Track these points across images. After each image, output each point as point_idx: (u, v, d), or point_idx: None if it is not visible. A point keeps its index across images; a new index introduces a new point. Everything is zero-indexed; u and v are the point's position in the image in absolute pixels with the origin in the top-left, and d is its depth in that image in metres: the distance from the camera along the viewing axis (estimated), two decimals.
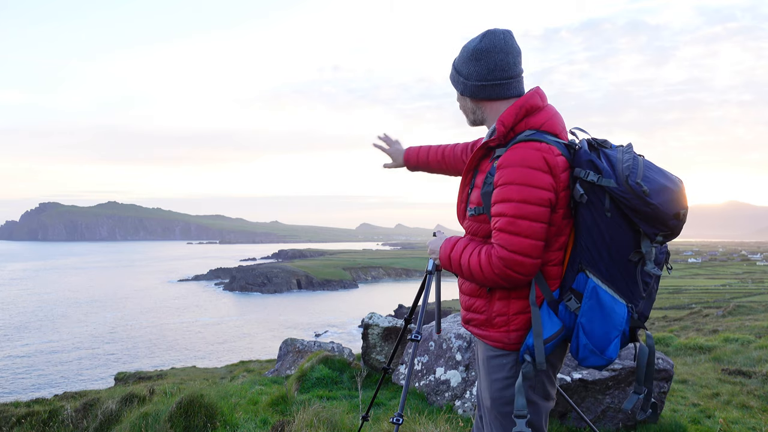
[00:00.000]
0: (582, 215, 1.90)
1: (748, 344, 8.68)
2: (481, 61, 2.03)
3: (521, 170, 1.87)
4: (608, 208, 1.84)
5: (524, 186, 1.86)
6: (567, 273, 1.97)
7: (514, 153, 1.91)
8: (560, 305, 1.96)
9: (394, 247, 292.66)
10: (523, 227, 1.86)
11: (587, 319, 1.89)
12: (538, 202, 1.86)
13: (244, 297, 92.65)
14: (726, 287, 76.95)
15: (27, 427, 6.68)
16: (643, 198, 1.79)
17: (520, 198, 1.86)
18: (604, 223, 1.86)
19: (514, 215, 1.87)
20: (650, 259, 1.87)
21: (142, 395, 6.13)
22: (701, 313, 27.62)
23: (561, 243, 1.97)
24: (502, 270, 1.89)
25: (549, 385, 2.07)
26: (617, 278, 1.89)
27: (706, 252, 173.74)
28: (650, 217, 1.81)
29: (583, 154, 1.91)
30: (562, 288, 1.97)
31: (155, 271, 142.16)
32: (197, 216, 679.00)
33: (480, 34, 2.07)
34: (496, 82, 2.04)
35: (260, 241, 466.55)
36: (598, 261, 1.89)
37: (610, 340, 1.88)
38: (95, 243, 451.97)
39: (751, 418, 4.79)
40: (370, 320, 6.58)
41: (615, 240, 1.86)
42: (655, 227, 1.83)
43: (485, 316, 2.07)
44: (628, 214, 1.83)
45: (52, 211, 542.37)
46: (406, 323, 2.97)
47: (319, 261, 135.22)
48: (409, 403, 5.14)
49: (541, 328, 1.92)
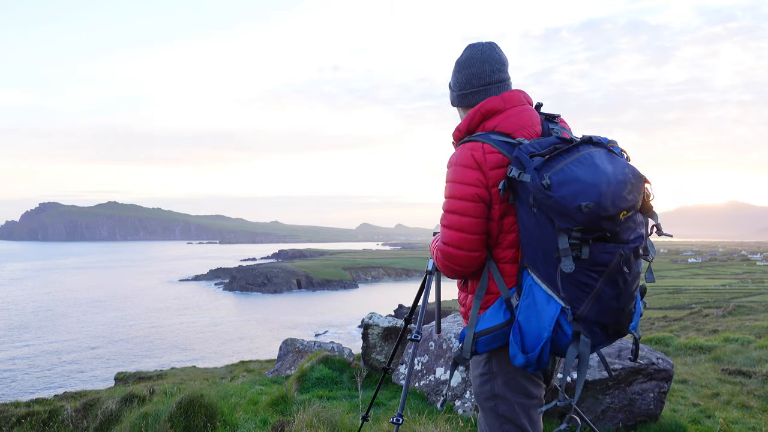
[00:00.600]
0: (518, 212, 1.95)
1: (748, 344, 8.68)
2: (461, 72, 2.20)
3: (452, 168, 2.04)
4: (532, 203, 1.84)
5: (453, 183, 2.01)
6: (519, 271, 2.01)
7: (453, 155, 2.08)
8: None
9: (394, 247, 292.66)
10: (452, 221, 2.00)
11: (524, 317, 1.91)
12: (464, 197, 1.98)
13: (244, 297, 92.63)
14: (726, 287, 76.92)
15: (27, 427, 6.68)
16: (543, 191, 1.78)
17: (450, 194, 2.03)
18: (531, 219, 1.88)
19: (445, 210, 2.04)
20: (567, 256, 1.78)
21: (142, 395, 6.13)
22: (701, 313, 27.60)
23: (510, 241, 2.02)
24: (442, 261, 2.08)
25: (527, 383, 2.08)
26: (554, 277, 1.85)
27: (706, 252, 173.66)
28: (555, 210, 1.78)
29: (516, 152, 1.91)
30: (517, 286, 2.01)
31: (155, 271, 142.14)
32: (197, 216, 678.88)
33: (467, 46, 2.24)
34: (474, 89, 2.19)
35: (260, 241, 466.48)
36: (535, 258, 1.91)
37: (540, 340, 1.86)
38: (95, 243, 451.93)
39: (751, 418, 4.80)
40: (370, 320, 6.58)
41: (542, 236, 1.86)
42: (564, 221, 1.77)
43: (464, 309, 2.19)
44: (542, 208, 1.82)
45: (52, 211, 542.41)
46: (406, 323, 2.98)
47: (319, 261, 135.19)
48: (409, 403, 5.14)
49: (476, 319, 2.02)
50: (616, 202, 1.76)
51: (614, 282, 1.81)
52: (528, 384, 2.09)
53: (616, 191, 1.77)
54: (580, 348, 1.86)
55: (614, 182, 1.78)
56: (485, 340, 2.00)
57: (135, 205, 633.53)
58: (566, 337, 1.86)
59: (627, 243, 1.82)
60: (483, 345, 2.01)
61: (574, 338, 1.86)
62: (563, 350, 1.89)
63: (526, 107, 2.10)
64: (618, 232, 1.80)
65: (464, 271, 2.05)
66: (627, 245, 1.81)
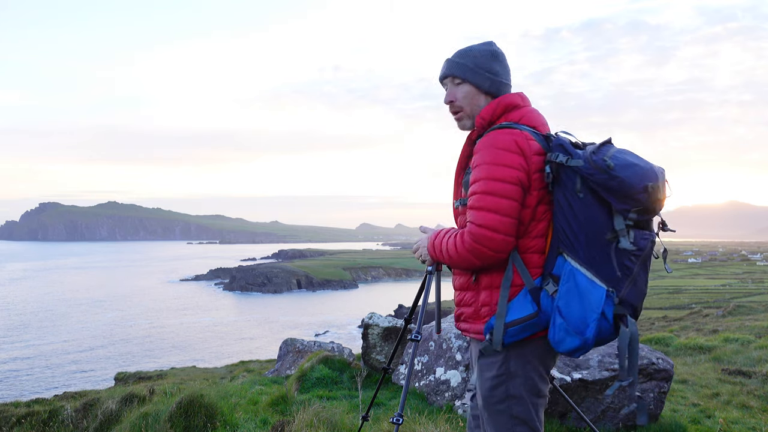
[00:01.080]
0: (557, 198, 1.96)
1: (748, 344, 8.69)
2: (500, 63, 2.20)
3: (491, 150, 1.98)
4: (579, 188, 1.90)
5: (492, 165, 1.96)
6: (548, 260, 2.00)
7: (486, 137, 2.03)
8: (542, 292, 1.98)
9: (394, 247, 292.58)
10: (490, 202, 1.93)
11: (564, 302, 1.90)
12: (506, 179, 1.93)
13: (244, 297, 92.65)
14: (726, 287, 76.91)
15: (27, 427, 6.68)
16: (607, 171, 1.84)
17: (488, 176, 1.95)
18: (576, 204, 1.91)
19: (482, 191, 1.96)
20: (624, 236, 1.88)
21: (142, 395, 6.13)
22: (701, 313, 27.62)
23: (540, 230, 2.01)
24: (472, 245, 1.96)
25: (539, 381, 2.07)
26: (595, 261, 1.91)
27: (706, 252, 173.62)
28: (618, 192, 1.85)
29: (556, 139, 2.01)
30: (543, 276, 1.99)
31: (155, 271, 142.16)
32: (197, 216, 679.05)
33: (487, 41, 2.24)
34: (507, 83, 2.20)
35: (260, 241, 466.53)
36: (575, 244, 1.92)
37: (587, 324, 1.87)
38: (95, 243, 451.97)
39: (751, 418, 4.80)
40: (370, 320, 6.58)
41: (589, 220, 1.90)
42: (625, 202, 1.86)
43: (473, 308, 2.11)
44: (598, 191, 1.88)
45: (52, 211, 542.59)
46: (406, 323, 2.98)
47: (319, 261, 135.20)
48: (409, 403, 5.14)
49: (505, 310, 1.96)
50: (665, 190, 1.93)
51: (645, 267, 1.95)
52: (541, 383, 2.07)
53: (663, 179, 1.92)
54: (631, 328, 1.91)
55: (659, 171, 1.92)
56: (514, 331, 1.96)
57: (135, 205, 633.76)
58: (607, 321, 1.90)
59: (652, 232, 1.97)
60: (510, 336, 1.97)
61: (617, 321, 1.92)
62: (604, 335, 1.92)
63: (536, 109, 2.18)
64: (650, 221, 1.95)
65: (494, 257, 1.97)
66: (653, 234, 1.97)
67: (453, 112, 2.22)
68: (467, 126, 2.22)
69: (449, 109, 2.24)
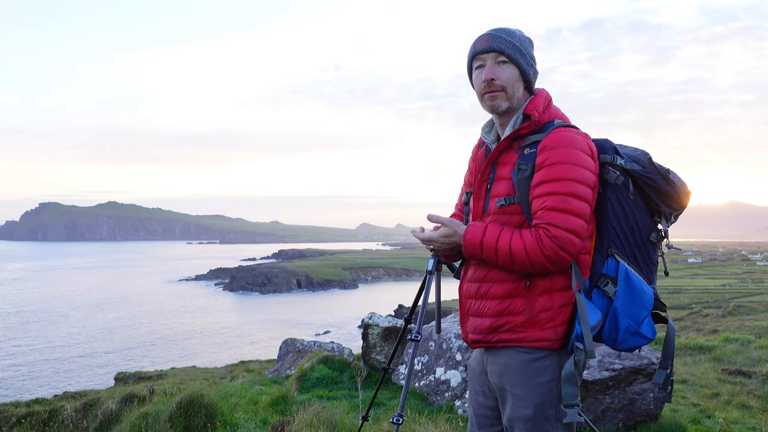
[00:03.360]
0: (610, 200, 1.97)
1: (748, 344, 8.69)
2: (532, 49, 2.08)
3: (571, 150, 1.88)
4: (632, 191, 1.97)
5: (575, 166, 1.87)
6: (595, 260, 1.97)
7: (558, 135, 1.92)
8: (594, 293, 1.94)
9: (394, 247, 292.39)
10: (576, 206, 1.85)
11: (622, 302, 1.90)
12: (588, 183, 1.89)
13: (244, 297, 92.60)
14: (726, 287, 76.88)
15: (27, 427, 6.68)
16: (666, 177, 1.97)
17: (572, 177, 1.86)
18: (628, 206, 1.97)
19: (567, 193, 1.85)
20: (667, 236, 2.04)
21: (142, 395, 6.13)
22: (701, 313, 27.59)
23: (590, 231, 1.98)
24: (555, 250, 1.83)
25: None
26: (640, 261, 1.99)
27: (706, 252, 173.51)
28: (670, 196, 1.99)
29: (605, 142, 2.03)
30: (591, 276, 1.96)
31: (155, 271, 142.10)
32: (197, 216, 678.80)
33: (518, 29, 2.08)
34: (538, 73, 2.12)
35: (260, 241, 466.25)
36: (625, 244, 1.97)
37: (641, 321, 1.91)
38: (95, 243, 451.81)
39: (751, 418, 4.80)
40: (370, 320, 6.58)
41: (638, 222, 1.98)
42: (672, 206, 2.01)
43: (525, 315, 1.94)
44: (650, 194, 1.98)
45: (52, 211, 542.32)
46: (406, 323, 2.97)
47: (319, 261, 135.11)
48: (409, 403, 5.14)
49: (587, 315, 1.86)
50: None
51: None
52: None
53: None
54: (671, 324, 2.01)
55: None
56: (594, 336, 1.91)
57: (135, 205, 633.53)
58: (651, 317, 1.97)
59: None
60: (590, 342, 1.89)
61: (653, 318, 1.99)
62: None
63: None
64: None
65: (569, 262, 1.89)
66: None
67: (490, 90, 2.00)
68: (501, 107, 2.01)
69: (484, 87, 2.01)
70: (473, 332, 2.07)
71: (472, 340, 2.10)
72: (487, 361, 2.08)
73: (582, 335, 1.84)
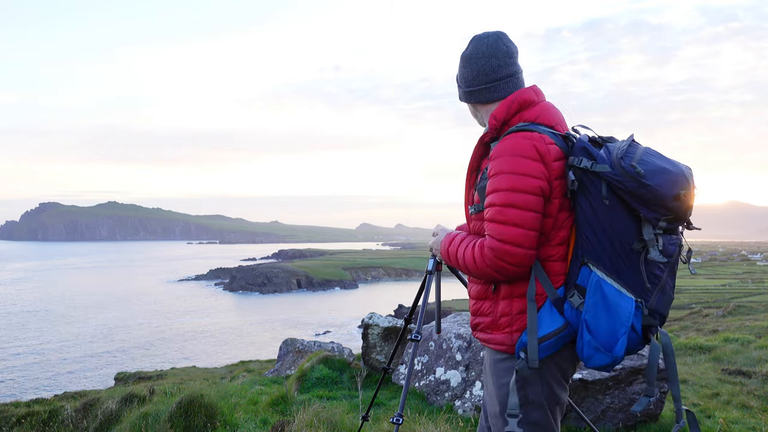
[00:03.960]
0: (580, 205, 1.86)
1: (748, 344, 8.69)
2: (467, 68, 2.09)
3: (510, 159, 1.86)
4: (605, 195, 1.80)
5: (513, 174, 1.84)
6: (571, 268, 1.90)
7: (504, 143, 1.91)
8: (565, 303, 1.89)
9: (394, 247, 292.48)
10: (512, 216, 1.83)
11: (591, 315, 1.81)
12: (528, 190, 1.83)
13: (244, 297, 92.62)
14: (726, 287, 76.87)
15: (27, 427, 6.68)
16: (638, 179, 1.74)
17: (509, 186, 1.84)
18: (602, 211, 1.81)
19: (502, 204, 1.85)
20: (653, 247, 1.78)
21: (142, 395, 6.13)
22: (701, 313, 27.62)
23: (561, 237, 1.92)
24: (493, 261, 1.86)
25: (558, 389, 1.98)
26: (623, 270, 1.81)
27: (706, 252, 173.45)
28: (648, 200, 1.75)
29: (578, 143, 1.90)
30: (566, 285, 1.90)
31: (155, 271, 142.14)
32: (197, 216, 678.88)
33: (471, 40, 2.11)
34: (482, 86, 2.07)
35: (260, 241, 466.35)
36: (601, 253, 1.82)
37: (617, 338, 1.79)
38: (95, 243, 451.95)
39: (751, 418, 4.80)
40: (370, 320, 6.58)
41: (616, 228, 1.80)
42: (656, 211, 1.76)
43: (491, 318, 2.02)
44: (626, 199, 1.78)
45: (52, 211, 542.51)
46: (406, 323, 2.98)
47: (319, 261, 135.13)
48: (409, 403, 5.14)
49: (536, 325, 1.85)
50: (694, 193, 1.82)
51: (673, 273, 1.88)
52: (559, 389, 1.98)
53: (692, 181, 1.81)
54: (662, 339, 1.84)
55: (688, 174, 1.81)
56: (546, 346, 1.87)
57: (135, 205, 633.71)
58: (636, 333, 1.82)
59: (679, 235, 1.88)
60: (544, 351, 1.87)
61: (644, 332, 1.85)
62: (632, 346, 1.84)
63: (552, 103, 2.06)
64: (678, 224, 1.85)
65: (516, 272, 1.87)
66: (680, 237, 1.88)
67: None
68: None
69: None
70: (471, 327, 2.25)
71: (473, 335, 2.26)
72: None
73: (526, 344, 1.87)
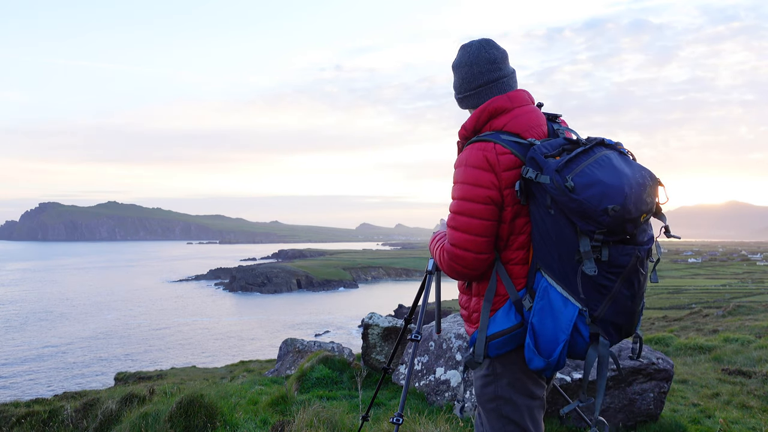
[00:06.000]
0: (532, 213, 1.94)
1: (748, 344, 8.69)
2: (455, 76, 2.22)
3: (463, 169, 1.99)
4: (549, 205, 1.85)
5: (464, 184, 1.98)
6: (529, 273, 1.99)
7: (462, 153, 2.04)
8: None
9: (394, 247, 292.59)
10: (461, 222, 1.97)
11: (538, 319, 1.90)
12: (475, 199, 1.95)
13: (244, 297, 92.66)
14: (726, 287, 76.88)
15: (27, 427, 6.68)
16: (567, 194, 1.77)
17: (460, 195, 1.99)
18: (549, 220, 1.87)
19: (454, 211, 2.00)
20: (589, 259, 1.79)
21: (142, 395, 6.13)
22: (701, 313, 27.57)
23: (521, 242, 2.00)
24: (448, 262, 2.03)
25: (531, 384, 2.07)
26: (569, 278, 1.86)
27: (706, 252, 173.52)
28: (578, 213, 1.78)
29: (530, 152, 1.91)
30: (527, 287, 1.99)
31: (155, 271, 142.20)
32: (197, 216, 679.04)
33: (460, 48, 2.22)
34: (468, 93, 2.18)
35: (260, 241, 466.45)
36: (550, 260, 1.90)
37: (557, 343, 1.85)
38: (95, 243, 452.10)
39: (751, 418, 4.80)
40: (370, 320, 6.58)
41: (560, 238, 1.86)
42: (588, 224, 1.78)
43: (467, 312, 2.16)
44: (562, 209, 1.82)
45: (52, 211, 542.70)
46: (406, 323, 2.98)
47: (319, 261, 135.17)
48: (409, 403, 5.14)
49: (487, 321, 1.99)
50: (638, 205, 1.79)
51: (630, 283, 1.85)
52: (532, 385, 2.07)
53: (637, 194, 1.79)
54: (600, 350, 1.87)
55: (635, 185, 1.80)
56: (497, 343, 1.98)
57: (135, 205, 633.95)
58: (583, 339, 1.87)
59: (642, 244, 1.86)
60: (494, 348, 1.99)
61: (591, 340, 1.88)
62: (579, 352, 1.90)
63: (531, 107, 2.10)
64: (635, 234, 1.84)
65: (470, 274, 2.02)
66: (642, 247, 1.85)
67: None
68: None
69: None
70: None
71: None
72: None
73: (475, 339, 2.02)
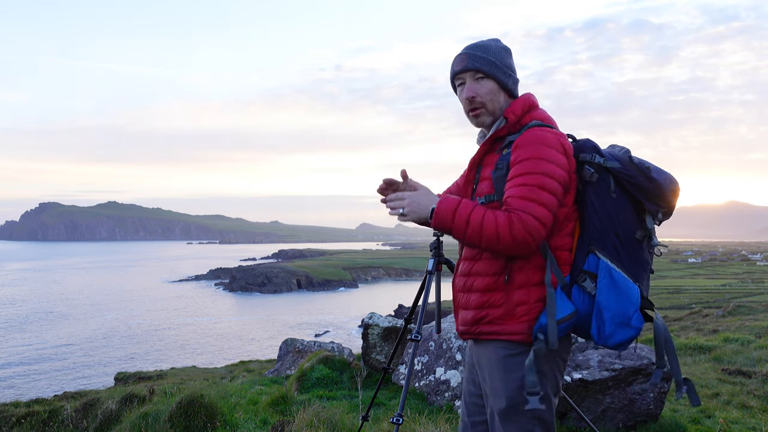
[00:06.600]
0: (589, 198, 2.02)
1: (748, 344, 8.69)
2: (512, 60, 2.21)
3: (539, 147, 1.98)
4: (613, 189, 2.00)
5: (543, 160, 1.96)
6: (577, 257, 2.03)
7: (530, 133, 2.02)
8: (573, 289, 2.00)
9: (394, 247, 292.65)
10: (543, 197, 1.93)
11: (604, 296, 1.94)
12: (555, 177, 1.96)
13: (244, 297, 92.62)
14: (726, 287, 76.89)
15: (27, 427, 6.68)
16: (646, 174, 1.98)
17: (540, 170, 1.95)
18: (610, 203, 2.00)
19: (535, 185, 1.93)
20: (654, 235, 2.04)
21: (142, 395, 6.13)
22: (701, 313, 27.59)
23: (569, 229, 2.05)
24: (523, 234, 1.89)
25: (561, 379, 2.08)
26: (625, 259, 1.99)
27: (706, 252, 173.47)
28: (653, 193, 1.99)
29: (586, 142, 2.09)
30: (572, 273, 2.02)
31: (155, 271, 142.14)
32: (197, 216, 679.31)
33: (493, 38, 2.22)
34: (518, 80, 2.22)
35: (260, 241, 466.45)
36: (607, 242, 1.99)
37: (629, 316, 1.92)
38: (95, 243, 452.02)
39: (751, 418, 4.80)
40: (370, 320, 6.58)
41: (621, 220, 2.00)
42: (657, 203, 2.01)
43: (504, 308, 2.01)
44: (632, 192, 2.00)
45: (52, 211, 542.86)
46: (406, 323, 2.98)
47: (319, 261, 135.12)
48: (409, 403, 5.14)
49: (555, 309, 1.94)
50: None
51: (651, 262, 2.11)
52: (561, 380, 2.09)
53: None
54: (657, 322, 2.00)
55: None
56: (562, 328, 1.95)
57: (135, 205, 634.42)
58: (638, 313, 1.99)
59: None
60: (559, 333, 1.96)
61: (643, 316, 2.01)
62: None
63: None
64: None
65: (533, 251, 1.96)
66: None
67: (473, 108, 2.13)
68: (486, 123, 2.16)
69: (468, 105, 2.14)
70: (461, 324, 2.18)
71: (460, 332, 2.20)
72: (475, 353, 2.19)
73: (546, 326, 1.93)
